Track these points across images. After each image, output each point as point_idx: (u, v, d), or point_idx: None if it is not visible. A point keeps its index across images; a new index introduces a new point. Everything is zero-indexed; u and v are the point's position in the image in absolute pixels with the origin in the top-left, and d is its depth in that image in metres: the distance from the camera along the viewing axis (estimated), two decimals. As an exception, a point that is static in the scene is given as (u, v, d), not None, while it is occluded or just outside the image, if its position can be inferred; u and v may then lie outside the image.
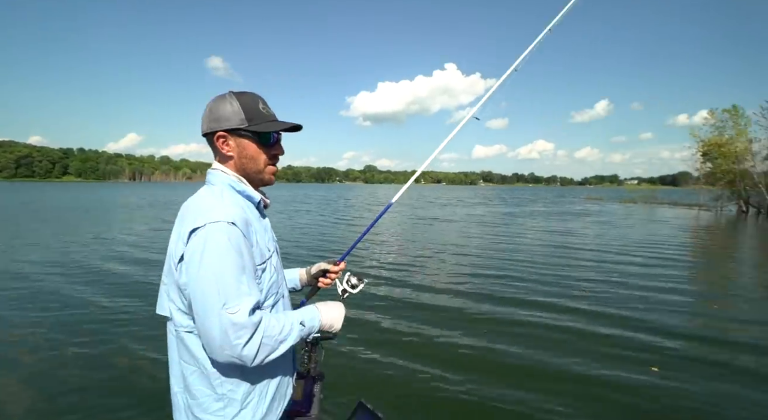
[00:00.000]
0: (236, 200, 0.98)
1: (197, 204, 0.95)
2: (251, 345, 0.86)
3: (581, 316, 4.51)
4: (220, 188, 0.99)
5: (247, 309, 0.86)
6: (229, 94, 1.00)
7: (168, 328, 0.99)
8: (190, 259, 0.87)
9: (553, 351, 3.57)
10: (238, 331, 0.84)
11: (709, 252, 10.00)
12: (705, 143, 26.43)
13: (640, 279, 6.29)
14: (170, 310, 0.95)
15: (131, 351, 3.46)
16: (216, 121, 0.98)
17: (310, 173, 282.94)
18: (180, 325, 0.94)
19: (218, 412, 0.93)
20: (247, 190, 1.02)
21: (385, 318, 4.40)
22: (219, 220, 0.88)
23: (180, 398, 0.98)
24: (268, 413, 0.99)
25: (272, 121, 1.02)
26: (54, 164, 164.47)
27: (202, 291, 0.85)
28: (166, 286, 0.96)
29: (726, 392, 2.91)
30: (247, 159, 1.00)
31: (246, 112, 0.98)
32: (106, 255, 7.72)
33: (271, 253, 1.03)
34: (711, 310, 4.98)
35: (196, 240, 0.87)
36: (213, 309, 0.84)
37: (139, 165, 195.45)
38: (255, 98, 1.01)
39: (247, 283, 0.89)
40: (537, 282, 6.04)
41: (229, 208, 0.92)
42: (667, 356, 3.47)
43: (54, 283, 5.56)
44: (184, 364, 0.95)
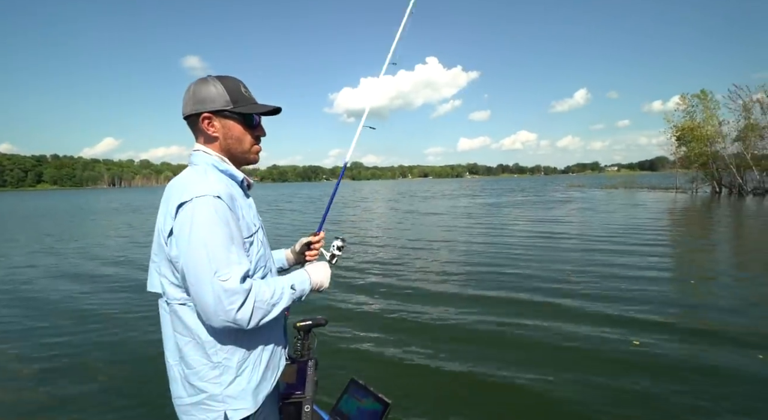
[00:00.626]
0: (220, 178, 1.00)
1: (182, 181, 0.97)
2: (245, 309, 0.89)
3: (565, 295, 4.61)
4: (203, 168, 1.01)
5: (238, 276, 0.89)
6: (211, 78, 1.02)
7: (160, 305, 1.02)
8: (179, 232, 0.90)
9: (540, 328, 3.69)
10: (230, 296, 0.87)
11: (686, 231, 10.33)
12: (678, 128, 27.26)
13: (621, 258, 6.47)
14: (162, 285, 0.98)
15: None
16: (201, 102, 1.00)
17: (296, 172, 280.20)
18: (173, 298, 0.96)
19: (214, 379, 0.95)
20: (230, 169, 1.05)
21: (376, 305, 4.51)
22: (205, 194, 0.91)
23: (176, 370, 0.99)
24: (262, 381, 1.02)
25: (254, 104, 1.06)
26: (26, 172, 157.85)
27: (193, 261, 0.88)
28: (156, 263, 0.99)
29: (700, 356, 3.11)
30: (233, 140, 1.04)
31: (230, 94, 1.01)
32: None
33: (258, 228, 1.06)
34: (689, 285, 5.14)
35: (183, 213, 0.90)
36: (205, 277, 0.87)
37: (118, 170, 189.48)
38: (236, 81, 1.04)
39: (237, 253, 0.92)
40: (522, 266, 6.14)
41: (214, 184, 0.95)
42: (648, 331, 3.56)
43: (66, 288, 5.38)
44: (178, 336, 0.97)
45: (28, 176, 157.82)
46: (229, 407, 0.96)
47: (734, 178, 24.78)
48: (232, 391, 0.96)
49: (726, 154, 24.98)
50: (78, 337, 3.75)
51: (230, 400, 0.96)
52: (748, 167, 24.12)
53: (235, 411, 0.97)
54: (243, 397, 0.98)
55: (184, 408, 0.99)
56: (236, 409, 0.97)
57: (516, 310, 4.15)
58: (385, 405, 1.23)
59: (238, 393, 0.97)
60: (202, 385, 0.96)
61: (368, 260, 7.06)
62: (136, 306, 4.61)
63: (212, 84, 1.01)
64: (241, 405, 0.97)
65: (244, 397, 0.98)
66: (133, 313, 4.36)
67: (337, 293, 4.97)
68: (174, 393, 1.01)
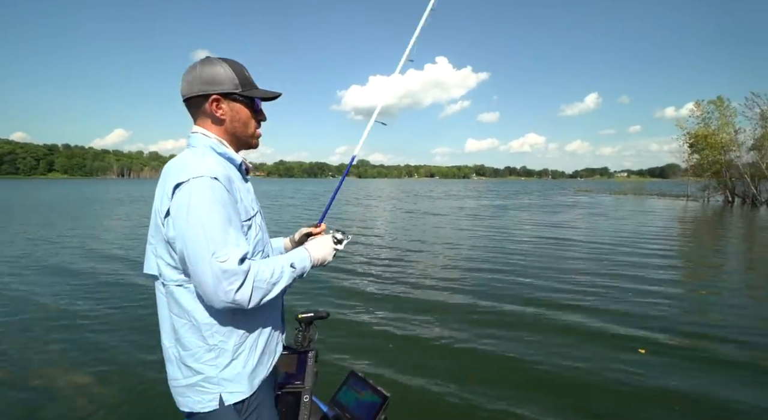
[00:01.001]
0: (218, 160, 0.98)
1: (180, 162, 0.95)
2: (244, 290, 0.88)
3: (571, 302, 4.49)
4: (201, 150, 0.99)
5: (237, 257, 0.87)
6: (216, 59, 1.01)
7: (156, 287, 1.00)
8: (176, 212, 0.88)
9: (542, 332, 3.61)
10: (229, 277, 0.86)
11: (697, 241, 10.04)
12: (692, 135, 26.65)
13: (630, 267, 6.26)
14: (158, 267, 0.96)
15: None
16: (209, 84, 0.98)
17: (302, 168, 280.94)
18: (169, 279, 0.95)
19: (210, 361, 0.94)
20: (228, 152, 1.03)
21: (378, 301, 4.55)
22: (202, 175, 0.89)
23: (171, 352, 0.98)
24: (258, 365, 1.01)
25: (258, 89, 1.06)
26: (38, 161, 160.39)
27: (192, 242, 0.87)
28: (153, 245, 0.97)
29: (708, 371, 2.96)
30: (240, 123, 1.03)
31: (238, 77, 1.00)
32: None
33: (256, 212, 1.05)
34: (699, 295, 4.98)
35: (180, 194, 0.88)
36: (204, 258, 0.86)
37: (127, 161, 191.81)
38: (241, 65, 1.03)
39: (234, 234, 0.91)
40: (527, 270, 5.99)
41: (212, 165, 0.93)
42: (654, 339, 3.46)
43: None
44: (174, 318, 0.96)
45: (40, 165, 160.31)
46: (224, 390, 0.95)
47: (748, 188, 24.14)
48: (228, 374, 0.95)
49: (741, 163, 24.36)
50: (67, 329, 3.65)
51: (226, 383, 0.95)
52: (762, 177, 23.48)
53: (230, 394, 0.95)
54: (239, 380, 0.96)
55: (180, 390, 0.97)
56: (231, 392, 0.95)
57: (514, 319, 3.99)
58: (384, 398, 1.22)
59: (234, 376, 0.96)
60: (197, 367, 0.94)
61: (371, 256, 6.98)
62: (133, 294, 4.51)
63: (220, 65, 0.99)
64: (236, 388, 0.96)
65: (240, 381, 0.96)
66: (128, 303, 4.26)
67: (340, 286, 5.06)
68: (170, 374, 1.00)
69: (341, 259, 6.64)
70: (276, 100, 1.10)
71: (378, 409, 1.21)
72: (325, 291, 4.91)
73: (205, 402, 0.95)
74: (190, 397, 0.96)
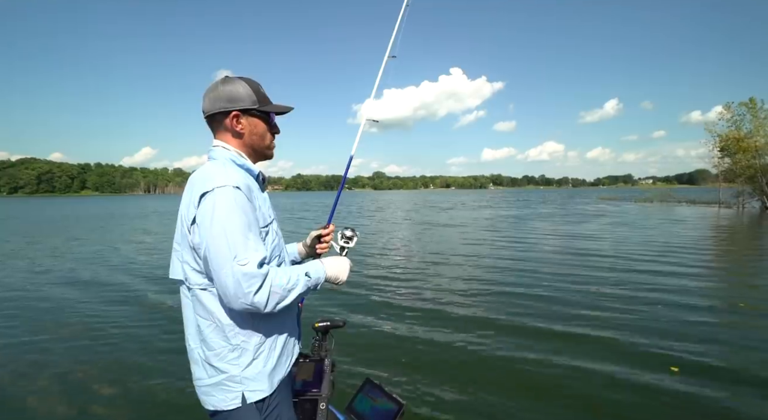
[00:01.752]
0: (239, 171, 1.05)
1: (204, 173, 1.01)
2: (262, 293, 0.93)
3: (597, 316, 4.23)
4: (222, 162, 1.06)
5: (256, 261, 0.92)
6: (236, 78, 1.09)
7: (181, 291, 1.07)
8: (201, 220, 0.95)
9: (564, 348, 3.41)
10: (248, 280, 0.91)
11: (733, 251, 9.28)
12: (722, 138, 25.31)
13: (660, 279, 5.78)
14: (184, 271, 1.02)
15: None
16: (230, 101, 1.06)
17: (319, 181, 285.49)
18: (195, 283, 1.01)
19: (233, 361, 1.00)
20: (247, 164, 1.10)
21: (393, 311, 4.57)
22: (225, 184, 0.96)
23: (197, 353, 1.03)
24: (277, 366, 1.06)
25: (272, 104, 1.14)
26: (73, 179, 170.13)
27: (215, 247, 0.92)
28: (179, 252, 1.03)
29: (746, 393, 2.68)
30: (257, 136, 1.11)
31: (256, 95, 1.08)
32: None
33: (272, 220, 1.11)
34: (738, 309, 4.57)
35: (206, 203, 0.95)
36: (225, 262, 0.91)
37: (153, 178, 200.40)
38: (257, 83, 1.12)
39: (254, 240, 0.96)
40: (549, 283, 5.58)
41: (233, 175, 1.00)
42: (687, 357, 3.21)
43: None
44: (200, 319, 1.01)
45: (74, 183, 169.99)
46: (246, 388, 1.00)
47: (788, 194, 22.54)
48: (250, 373, 1.00)
49: (778, 167, 22.84)
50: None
51: (247, 382, 1.00)
52: (804, 182, 21.89)
53: (252, 392, 1.00)
54: (260, 379, 1.01)
55: (205, 389, 1.02)
56: (253, 390, 1.01)
57: (534, 334, 3.71)
58: (400, 406, 1.23)
59: (255, 375, 1.01)
60: (221, 366, 0.99)
61: (385, 267, 6.82)
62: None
63: (239, 84, 1.07)
64: (257, 387, 1.01)
65: (261, 380, 1.02)
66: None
67: (355, 297, 5.11)
68: (195, 375, 1.05)
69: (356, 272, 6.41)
70: (288, 113, 1.18)
71: (393, 417, 1.22)
72: (340, 302, 4.90)
73: (229, 400, 1.00)
74: (215, 396, 1.01)
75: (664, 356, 3.19)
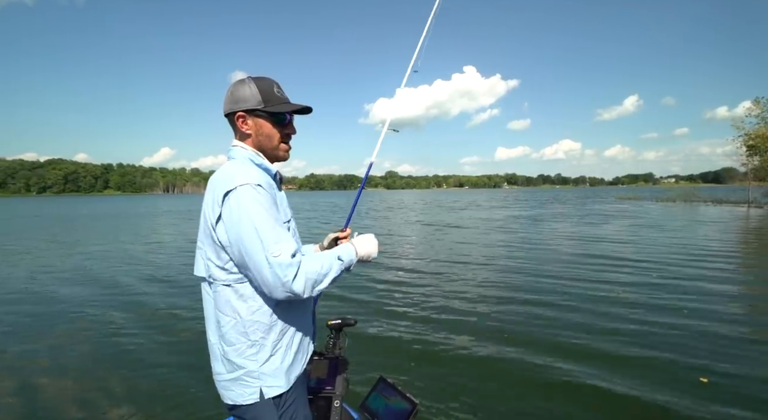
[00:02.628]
0: (257, 170, 1.08)
1: (225, 172, 1.04)
2: (299, 280, 0.96)
3: (618, 322, 4.04)
4: (241, 161, 1.09)
5: (288, 252, 0.96)
6: (247, 79, 1.11)
7: (203, 288, 1.10)
8: (228, 217, 0.97)
9: (583, 357, 3.27)
10: (285, 269, 0.94)
11: (765, 253, 8.56)
12: (750, 135, 23.90)
13: (687, 283, 5.40)
14: (207, 268, 1.05)
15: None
16: (236, 102, 1.09)
17: (332, 181, 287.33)
18: (218, 279, 1.03)
19: (252, 356, 1.03)
20: (265, 163, 1.12)
21: (406, 310, 4.57)
22: (247, 182, 0.99)
23: (217, 348, 1.07)
24: (294, 362, 1.10)
25: (285, 103, 1.12)
26: (96, 179, 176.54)
27: (248, 243, 0.95)
28: (202, 250, 1.06)
29: None
30: (264, 137, 1.11)
31: (262, 95, 1.08)
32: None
33: (290, 218, 1.14)
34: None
35: (230, 200, 0.97)
36: (260, 256, 0.95)
37: (171, 177, 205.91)
38: (270, 82, 1.11)
39: (282, 232, 0.99)
40: (564, 288, 5.27)
41: (253, 174, 1.03)
42: (717, 366, 3.07)
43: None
44: (220, 315, 1.04)
45: (98, 182, 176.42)
46: (264, 384, 1.04)
47: (825, 193, 21.05)
48: (267, 369, 1.04)
49: (814, 164, 21.37)
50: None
51: (265, 377, 1.03)
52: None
53: (269, 388, 1.04)
54: (277, 375, 1.05)
55: (224, 384, 1.06)
56: (270, 386, 1.04)
57: (551, 341, 3.53)
58: (413, 405, 1.23)
59: (272, 371, 1.04)
60: (240, 362, 1.02)
61: (396, 270, 6.67)
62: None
63: (247, 85, 1.09)
64: (274, 382, 1.05)
65: (278, 376, 1.05)
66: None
67: (366, 297, 5.14)
68: (215, 370, 1.08)
69: (362, 274, 6.18)
70: (309, 114, 1.16)
71: (407, 416, 1.22)
72: (351, 301, 4.92)
73: (247, 395, 1.03)
74: (234, 391, 1.04)
75: (693, 366, 3.03)
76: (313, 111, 1.17)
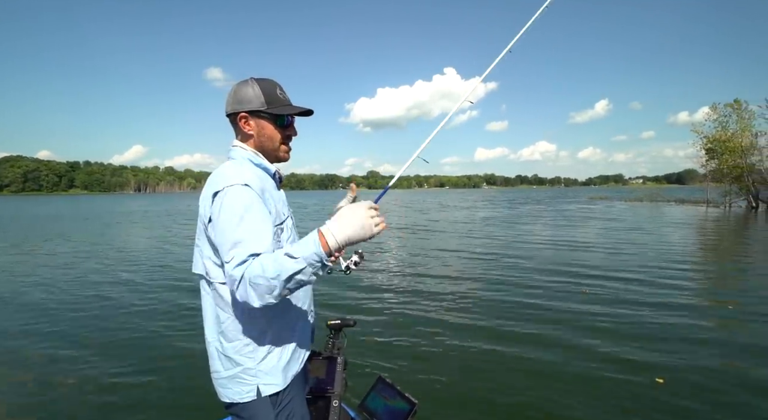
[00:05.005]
0: (254, 171, 1.08)
1: (219, 173, 1.04)
2: (242, 286, 0.89)
3: (583, 319, 4.17)
4: (240, 161, 1.09)
5: (241, 257, 0.90)
6: (251, 80, 1.11)
7: (201, 285, 1.09)
8: (213, 218, 0.98)
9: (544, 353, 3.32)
10: (230, 278, 0.91)
11: (720, 249, 9.38)
12: (709, 139, 25.70)
13: (649, 282, 5.73)
14: (205, 266, 1.05)
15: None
16: (239, 103, 1.09)
17: (313, 180, 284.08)
18: (216, 277, 1.03)
19: (249, 354, 1.03)
20: (264, 163, 1.12)
21: (407, 312, 4.58)
22: (235, 183, 0.99)
23: (214, 347, 1.06)
24: (291, 361, 1.09)
25: (287, 105, 1.13)
26: (60, 178, 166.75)
27: (220, 243, 0.96)
28: (200, 248, 1.06)
29: (736, 391, 2.65)
30: (265, 138, 1.12)
31: (266, 96, 1.08)
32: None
33: (287, 217, 1.14)
34: (726, 309, 4.55)
35: (216, 200, 0.99)
36: (226, 257, 0.93)
37: (143, 176, 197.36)
38: (273, 84, 1.12)
39: (256, 234, 0.94)
40: (536, 282, 5.60)
41: (246, 174, 1.02)
42: (674, 365, 3.08)
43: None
44: (219, 312, 1.04)
45: (62, 181, 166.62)
46: (261, 381, 1.03)
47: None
48: (264, 367, 1.03)
49: (763, 166, 23.26)
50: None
51: (262, 375, 1.03)
52: (788, 181, 22.33)
53: (266, 385, 1.03)
54: (274, 373, 1.04)
55: (221, 381, 1.06)
56: (267, 384, 1.03)
57: (512, 339, 3.58)
58: (412, 405, 1.23)
59: (270, 369, 1.04)
60: (237, 359, 1.02)
61: (395, 268, 6.64)
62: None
63: (251, 86, 1.09)
64: (271, 380, 1.04)
65: (275, 374, 1.04)
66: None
67: (366, 297, 5.18)
68: (212, 368, 1.08)
69: (363, 274, 6.32)
70: (310, 116, 1.17)
71: (406, 417, 1.22)
72: (351, 302, 4.95)
73: (244, 393, 1.03)
74: (231, 388, 1.04)
75: (650, 366, 3.05)
76: (313, 113, 1.17)
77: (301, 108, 1.14)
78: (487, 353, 3.36)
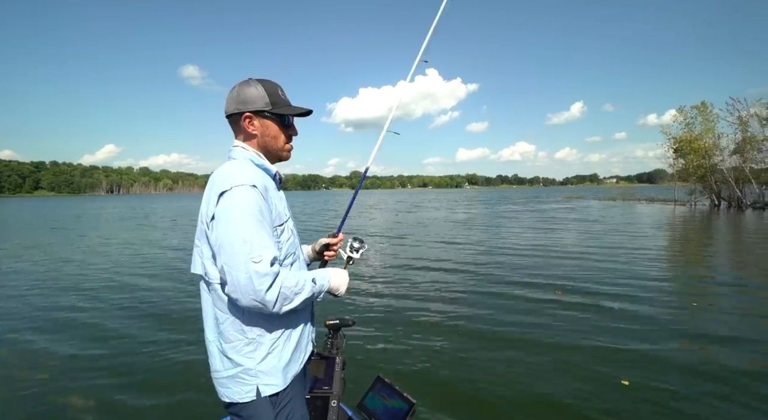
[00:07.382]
0: (257, 171, 1.09)
1: (224, 172, 1.04)
2: (272, 291, 0.95)
3: (553, 317, 4.25)
4: (241, 162, 1.10)
5: (269, 259, 0.95)
6: (253, 80, 1.12)
7: (200, 286, 1.09)
8: (219, 216, 0.98)
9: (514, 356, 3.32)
10: (261, 277, 0.93)
11: (685, 246, 9.82)
12: (676, 140, 26.99)
13: (615, 280, 5.88)
14: (204, 266, 1.05)
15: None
16: (243, 103, 1.09)
17: (296, 181, 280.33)
18: (215, 278, 1.03)
19: (249, 354, 1.03)
20: (265, 164, 1.13)
21: (406, 311, 4.61)
22: (243, 183, 1.00)
23: (214, 346, 1.07)
24: (291, 361, 1.09)
25: (289, 106, 1.15)
26: (24, 179, 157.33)
27: (230, 243, 0.95)
28: (199, 248, 1.06)
29: (702, 391, 2.70)
30: (270, 137, 1.13)
31: (269, 96, 1.10)
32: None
33: (288, 218, 1.14)
34: (690, 306, 4.73)
35: (224, 200, 0.98)
36: (240, 258, 0.94)
37: (116, 177, 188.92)
38: (275, 85, 1.13)
39: (268, 238, 0.99)
40: (510, 280, 5.76)
41: (251, 175, 1.03)
42: (639, 365, 3.11)
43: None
44: (218, 312, 1.04)
45: (26, 182, 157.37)
46: (261, 382, 1.03)
47: (733, 192, 24.39)
48: (264, 367, 1.03)
49: (725, 167, 24.64)
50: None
51: (262, 375, 1.03)
52: (747, 181, 23.76)
53: (266, 386, 1.04)
54: (274, 373, 1.04)
55: (221, 381, 1.06)
56: (267, 384, 1.04)
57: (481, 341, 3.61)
58: (411, 405, 1.23)
59: (270, 369, 1.04)
60: (237, 359, 1.02)
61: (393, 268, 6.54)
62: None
63: (254, 86, 1.10)
64: (271, 381, 1.04)
65: (275, 374, 1.04)
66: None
67: (365, 296, 5.23)
68: (212, 367, 1.08)
69: (362, 274, 6.21)
70: (309, 116, 1.19)
71: (405, 416, 1.21)
72: (348, 303, 4.93)
73: (244, 393, 1.03)
74: (231, 388, 1.04)
75: (614, 366, 3.05)
76: (312, 113, 1.20)
77: (303, 108, 1.16)
78: (486, 353, 3.36)
